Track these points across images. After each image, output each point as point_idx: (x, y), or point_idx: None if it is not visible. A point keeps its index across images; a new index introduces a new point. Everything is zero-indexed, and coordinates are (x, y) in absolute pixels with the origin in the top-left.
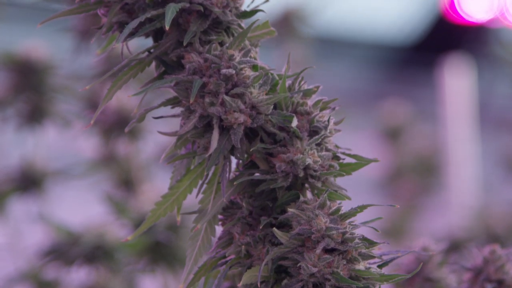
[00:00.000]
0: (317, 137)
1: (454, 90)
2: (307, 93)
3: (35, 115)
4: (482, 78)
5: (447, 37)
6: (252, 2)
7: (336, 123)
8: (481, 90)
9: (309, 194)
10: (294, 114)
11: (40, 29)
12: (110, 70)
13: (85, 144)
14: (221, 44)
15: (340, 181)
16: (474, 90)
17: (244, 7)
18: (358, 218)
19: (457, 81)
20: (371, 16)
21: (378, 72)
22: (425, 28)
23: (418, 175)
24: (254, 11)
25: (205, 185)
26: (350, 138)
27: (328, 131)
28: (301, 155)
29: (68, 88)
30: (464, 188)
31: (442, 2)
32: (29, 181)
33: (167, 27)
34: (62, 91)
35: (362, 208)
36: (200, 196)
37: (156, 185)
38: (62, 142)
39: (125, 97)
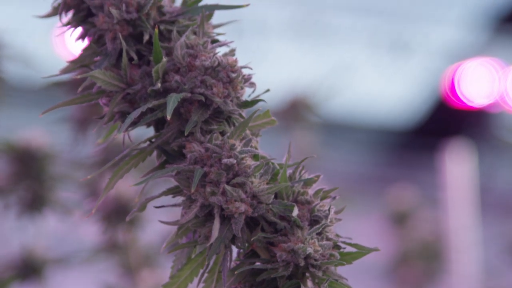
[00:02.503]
0: (317, 226)
1: (455, 175)
2: (308, 183)
3: (35, 203)
4: (483, 163)
5: (447, 121)
6: (253, 92)
7: (336, 212)
8: (482, 175)
9: (310, 283)
10: (295, 204)
11: (41, 116)
12: (110, 158)
13: (86, 231)
14: (222, 133)
15: (345, 267)
16: (475, 175)
17: (245, 97)
18: None
19: (458, 165)
20: (372, 101)
21: (379, 156)
22: (426, 113)
23: (423, 261)
24: (255, 101)
25: (206, 274)
26: (353, 223)
27: (328, 220)
28: (302, 245)
29: (68, 176)
30: (468, 274)
31: (443, 87)
32: (29, 269)
33: (168, 117)
34: (63, 179)
35: None
36: (201, 285)
37: (157, 273)
38: (63, 230)
39: (126, 185)
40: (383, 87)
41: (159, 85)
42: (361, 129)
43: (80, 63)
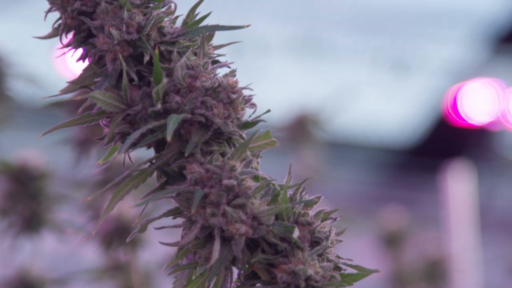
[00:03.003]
0: (318, 248)
1: (456, 194)
2: (309, 204)
3: (33, 224)
4: (484, 182)
5: (449, 140)
6: (253, 112)
7: (337, 234)
8: (483, 194)
9: None
10: (295, 225)
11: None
12: (110, 178)
13: (86, 252)
14: (223, 154)
15: None
16: (476, 194)
17: (246, 117)
18: None
19: (460, 185)
20: (373, 120)
21: (380, 176)
22: (427, 131)
23: (423, 282)
24: (255, 122)
25: None
26: (354, 244)
27: (329, 241)
28: (303, 266)
29: (67, 197)
30: None
31: (444, 106)
32: None
33: (169, 139)
34: (62, 199)
35: None
36: None
37: None
38: (62, 250)
39: (127, 206)
40: (384, 106)
41: (159, 106)
42: (362, 148)
43: (81, 84)
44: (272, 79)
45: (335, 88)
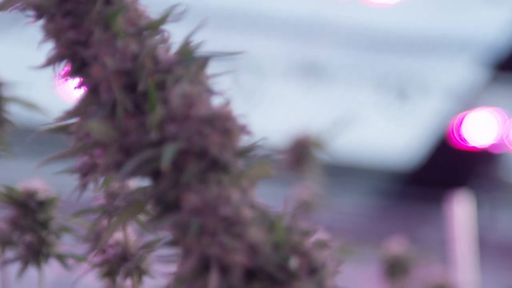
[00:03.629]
0: (316, 277)
1: (458, 222)
2: (307, 232)
3: (36, 253)
4: (485, 207)
5: (451, 163)
6: (250, 138)
7: (337, 263)
8: (485, 221)
9: None
10: (293, 254)
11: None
12: (113, 205)
13: (86, 279)
14: (219, 183)
15: None
16: (477, 222)
17: (243, 143)
18: None
19: (461, 212)
20: (373, 144)
21: (378, 200)
22: (429, 155)
23: None
24: (251, 150)
25: None
26: (354, 273)
27: (328, 271)
28: None
29: (69, 229)
30: None
31: (446, 130)
32: None
33: (164, 169)
34: (64, 228)
35: None
36: None
37: None
38: (66, 278)
39: (127, 234)
40: (386, 130)
41: (154, 135)
42: (364, 173)
43: (76, 113)
44: (269, 102)
45: (336, 111)
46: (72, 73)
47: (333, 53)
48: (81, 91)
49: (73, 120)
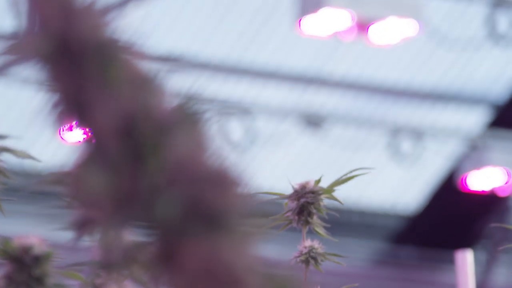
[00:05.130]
0: None
1: (462, 282)
2: None
3: None
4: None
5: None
6: (249, 194)
7: None
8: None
9: None
10: None
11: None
12: (110, 259)
13: None
14: (219, 241)
15: None
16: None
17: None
18: None
19: (466, 272)
20: (368, 194)
21: (376, 255)
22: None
23: None
24: (251, 206)
25: None
26: None
27: None
28: None
29: (64, 286)
30: None
31: (452, 175)
32: None
33: (162, 228)
34: (59, 285)
35: None
36: None
37: None
38: None
39: None
40: (382, 183)
41: (151, 190)
42: (370, 218)
43: (72, 168)
44: (273, 149)
45: (342, 158)
46: (68, 121)
47: (338, 100)
48: (77, 137)
49: (69, 171)
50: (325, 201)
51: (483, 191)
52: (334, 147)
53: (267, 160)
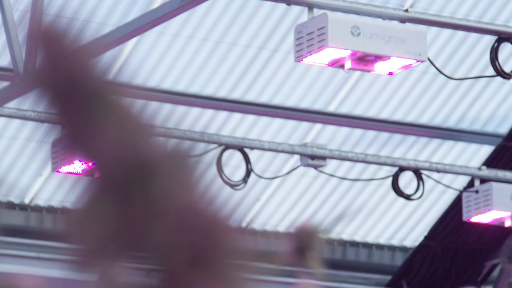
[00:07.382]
0: None
1: None
2: None
3: None
4: None
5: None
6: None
7: None
8: None
9: None
10: None
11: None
12: None
13: None
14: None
15: None
16: None
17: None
18: None
19: None
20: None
21: None
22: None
23: None
24: (247, 252)
25: None
26: None
27: None
28: None
29: None
30: None
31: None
32: None
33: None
34: None
35: None
36: None
37: None
38: None
39: None
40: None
41: (154, 241)
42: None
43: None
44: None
45: (345, 200)
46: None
47: (339, 137)
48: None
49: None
50: (324, 239)
51: (489, 224)
52: (336, 183)
53: (267, 197)
